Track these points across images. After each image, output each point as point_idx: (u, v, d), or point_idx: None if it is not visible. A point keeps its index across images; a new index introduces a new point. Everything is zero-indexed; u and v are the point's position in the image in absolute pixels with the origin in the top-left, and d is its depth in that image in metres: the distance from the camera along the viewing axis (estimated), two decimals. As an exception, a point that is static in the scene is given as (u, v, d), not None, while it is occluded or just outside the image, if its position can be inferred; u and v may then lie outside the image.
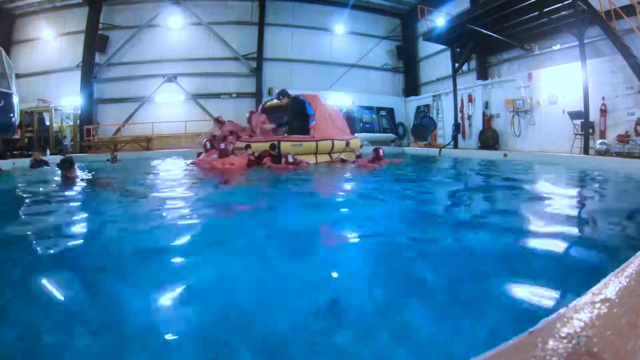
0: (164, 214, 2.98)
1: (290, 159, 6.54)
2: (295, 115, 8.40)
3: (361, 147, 8.45)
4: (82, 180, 5.15)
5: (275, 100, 8.84)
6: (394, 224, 2.68)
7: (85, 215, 3.14)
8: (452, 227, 2.65)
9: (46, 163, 7.65)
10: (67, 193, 4.31)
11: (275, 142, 6.99)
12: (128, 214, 3.09)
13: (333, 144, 7.46)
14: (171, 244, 2.14)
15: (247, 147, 7.14)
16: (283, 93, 8.39)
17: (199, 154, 7.84)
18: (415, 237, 2.26)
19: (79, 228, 2.68)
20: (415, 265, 1.79)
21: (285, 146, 6.93)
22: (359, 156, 7.73)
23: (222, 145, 6.96)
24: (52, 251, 2.03)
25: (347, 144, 7.82)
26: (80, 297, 1.46)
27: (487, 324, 1.21)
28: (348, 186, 4.95)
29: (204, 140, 8.33)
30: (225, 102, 15.22)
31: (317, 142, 7.27)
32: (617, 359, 0.43)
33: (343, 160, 7.45)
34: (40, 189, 4.73)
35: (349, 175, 5.97)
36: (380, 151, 7.25)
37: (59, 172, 5.04)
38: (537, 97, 10.31)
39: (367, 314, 1.27)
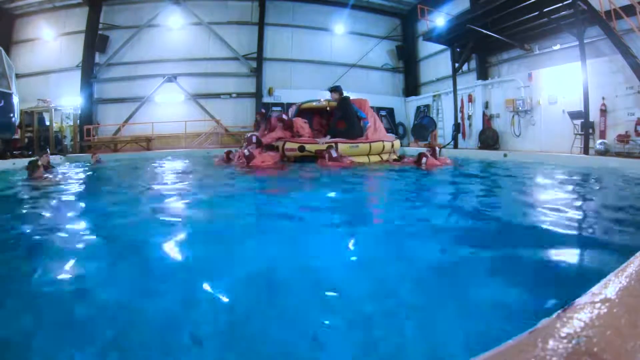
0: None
1: (334, 154, 6.46)
2: (336, 117, 8.26)
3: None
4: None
5: (314, 103, 8.80)
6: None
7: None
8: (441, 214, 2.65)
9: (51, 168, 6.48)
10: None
11: (333, 144, 7.03)
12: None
13: (383, 145, 7.71)
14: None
15: (302, 148, 7.14)
16: (335, 89, 8.30)
17: (228, 153, 7.72)
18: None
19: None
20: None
21: (344, 148, 7.10)
22: (402, 157, 7.91)
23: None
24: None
25: (392, 145, 7.99)
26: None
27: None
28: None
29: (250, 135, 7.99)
30: (225, 102, 15.24)
31: (370, 144, 7.52)
32: (617, 359, 0.43)
33: (395, 160, 7.56)
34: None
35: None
36: (437, 150, 7.22)
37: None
38: (537, 97, 10.32)
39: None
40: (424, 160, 6.37)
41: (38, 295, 1.44)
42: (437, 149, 7.36)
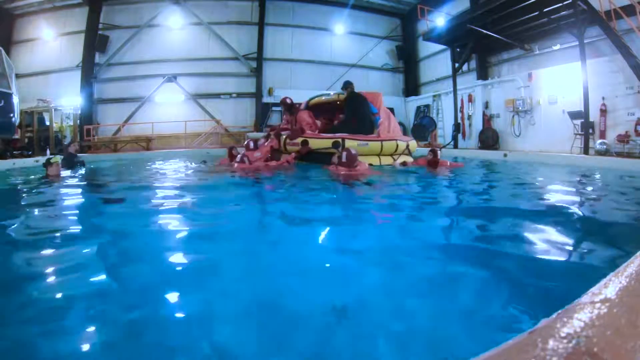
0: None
1: (344, 158, 5.13)
2: (347, 113, 7.46)
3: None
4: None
5: (323, 97, 8.09)
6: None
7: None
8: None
9: (82, 163, 6.63)
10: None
11: (339, 140, 6.18)
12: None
13: (397, 145, 6.76)
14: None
15: (305, 143, 6.49)
16: (346, 85, 7.32)
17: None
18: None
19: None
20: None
21: (351, 145, 6.12)
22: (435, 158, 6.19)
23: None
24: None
25: (407, 146, 7.01)
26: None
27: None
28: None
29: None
30: (225, 102, 15.24)
31: (382, 143, 6.59)
32: (617, 359, 0.43)
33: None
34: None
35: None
36: (439, 152, 6.15)
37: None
38: (537, 97, 10.32)
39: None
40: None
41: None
42: (438, 150, 6.35)
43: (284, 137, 7.05)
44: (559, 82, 9.73)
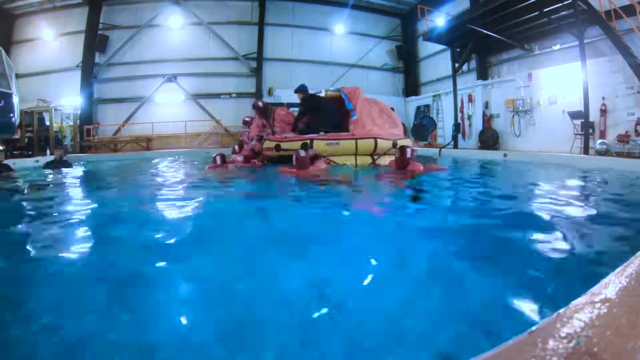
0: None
1: (302, 153, 5.21)
2: (299, 113, 7.36)
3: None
4: None
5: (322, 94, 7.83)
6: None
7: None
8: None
9: (68, 164, 7.13)
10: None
11: (307, 141, 5.97)
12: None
13: (376, 144, 6.15)
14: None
15: (278, 147, 6.36)
16: (299, 89, 7.24)
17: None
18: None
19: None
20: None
21: (319, 145, 5.91)
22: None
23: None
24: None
25: (395, 145, 6.32)
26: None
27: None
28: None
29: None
30: (225, 102, 15.24)
31: (356, 141, 6.11)
32: (617, 359, 0.43)
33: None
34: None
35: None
36: (408, 151, 5.12)
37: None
38: (537, 97, 10.32)
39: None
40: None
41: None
42: (408, 150, 5.13)
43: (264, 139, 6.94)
44: (559, 82, 9.72)
